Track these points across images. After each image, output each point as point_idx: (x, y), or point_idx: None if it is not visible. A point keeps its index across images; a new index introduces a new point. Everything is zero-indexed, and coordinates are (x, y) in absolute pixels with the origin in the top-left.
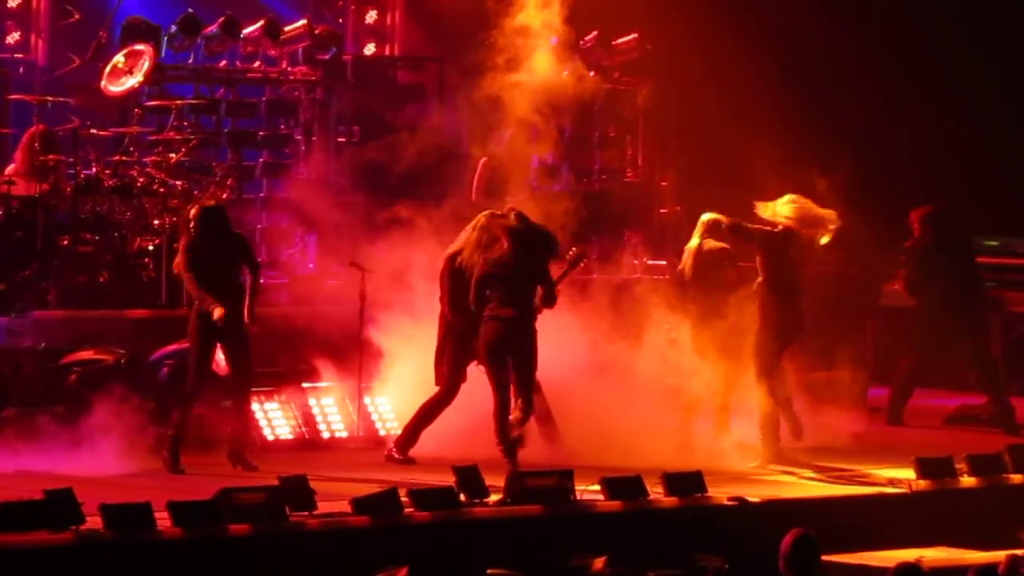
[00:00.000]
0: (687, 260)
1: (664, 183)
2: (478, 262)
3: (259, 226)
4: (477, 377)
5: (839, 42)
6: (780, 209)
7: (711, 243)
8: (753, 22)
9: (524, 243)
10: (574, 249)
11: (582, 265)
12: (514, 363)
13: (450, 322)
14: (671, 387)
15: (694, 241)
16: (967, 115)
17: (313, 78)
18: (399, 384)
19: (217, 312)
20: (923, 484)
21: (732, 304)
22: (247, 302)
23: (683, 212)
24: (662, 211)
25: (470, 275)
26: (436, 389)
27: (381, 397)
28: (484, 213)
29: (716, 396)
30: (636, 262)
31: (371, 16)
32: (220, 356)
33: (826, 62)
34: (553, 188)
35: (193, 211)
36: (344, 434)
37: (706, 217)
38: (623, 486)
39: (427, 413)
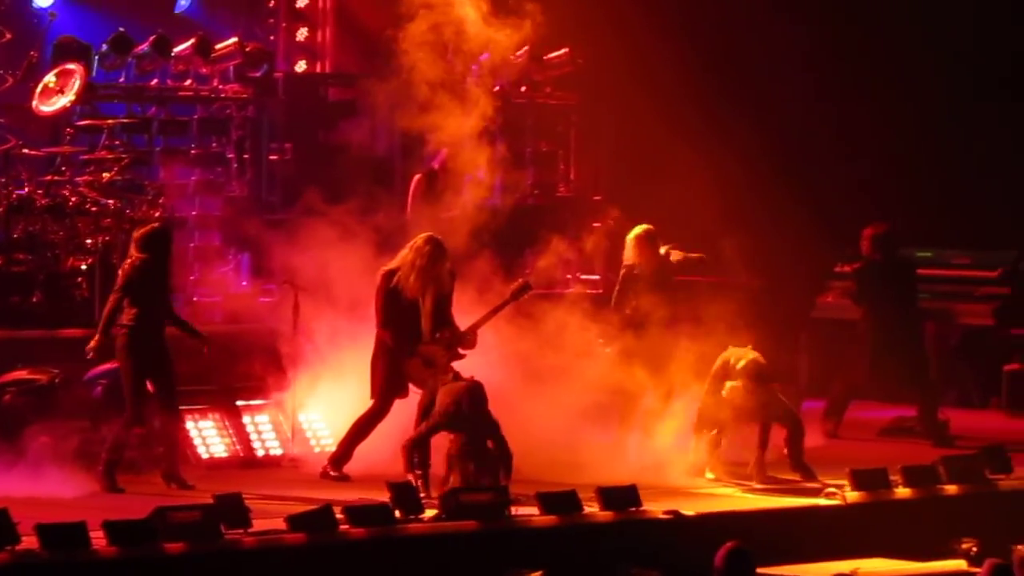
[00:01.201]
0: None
1: (597, 197)
2: (415, 285)
3: (192, 244)
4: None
5: (774, 49)
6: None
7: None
8: (684, 33)
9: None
10: (519, 280)
11: (524, 297)
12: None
13: (381, 337)
14: (606, 400)
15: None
16: (903, 126)
17: (245, 96)
18: (333, 401)
19: (90, 344)
20: (858, 496)
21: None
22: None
23: (615, 226)
24: (595, 225)
25: (405, 295)
26: (369, 405)
27: (315, 414)
28: (422, 236)
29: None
30: (569, 276)
31: (302, 33)
32: None
33: (761, 69)
34: (487, 203)
35: (140, 233)
36: (279, 451)
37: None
38: (558, 501)
39: (361, 429)
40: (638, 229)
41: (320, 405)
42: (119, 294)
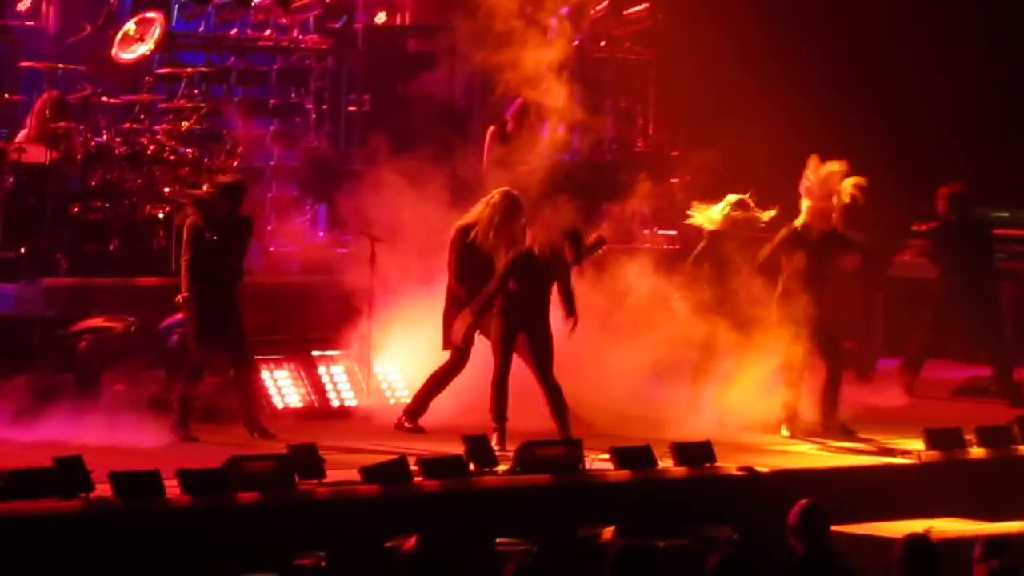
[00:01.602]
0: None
1: (675, 153)
2: (492, 243)
3: (269, 195)
4: (486, 347)
5: (859, 8)
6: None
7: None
8: None
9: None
10: (596, 235)
11: (599, 252)
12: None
13: (454, 292)
14: (682, 356)
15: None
16: (984, 82)
17: (324, 47)
18: (408, 352)
19: (180, 297)
20: (932, 455)
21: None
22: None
23: (693, 182)
24: (672, 181)
25: (480, 251)
26: (446, 358)
27: (391, 365)
28: (498, 191)
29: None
30: (646, 232)
31: None
32: None
33: (845, 30)
34: (563, 158)
35: (208, 187)
36: (354, 402)
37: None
38: (632, 456)
39: (437, 382)
40: (732, 198)
41: (396, 356)
42: (189, 251)
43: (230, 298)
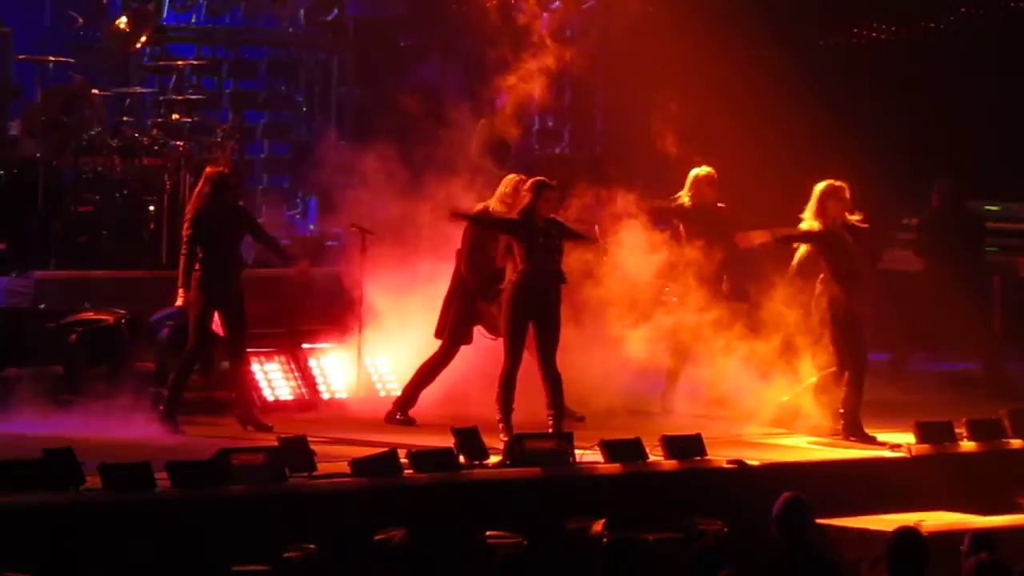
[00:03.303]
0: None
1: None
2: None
3: (260, 187)
4: (477, 338)
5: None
6: None
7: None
8: None
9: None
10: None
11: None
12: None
13: (462, 279)
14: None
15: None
16: (974, 76)
17: (315, 39)
18: (399, 345)
19: (178, 301)
20: (923, 448)
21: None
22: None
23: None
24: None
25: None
26: (435, 348)
27: (381, 358)
28: (511, 176)
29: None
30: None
31: None
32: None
33: (827, 27)
34: (554, 151)
35: (208, 172)
36: (344, 395)
37: None
38: (622, 449)
39: (427, 373)
40: (700, 170)
41: (386, 349)
42: (189, 244)
43: (236, 284)
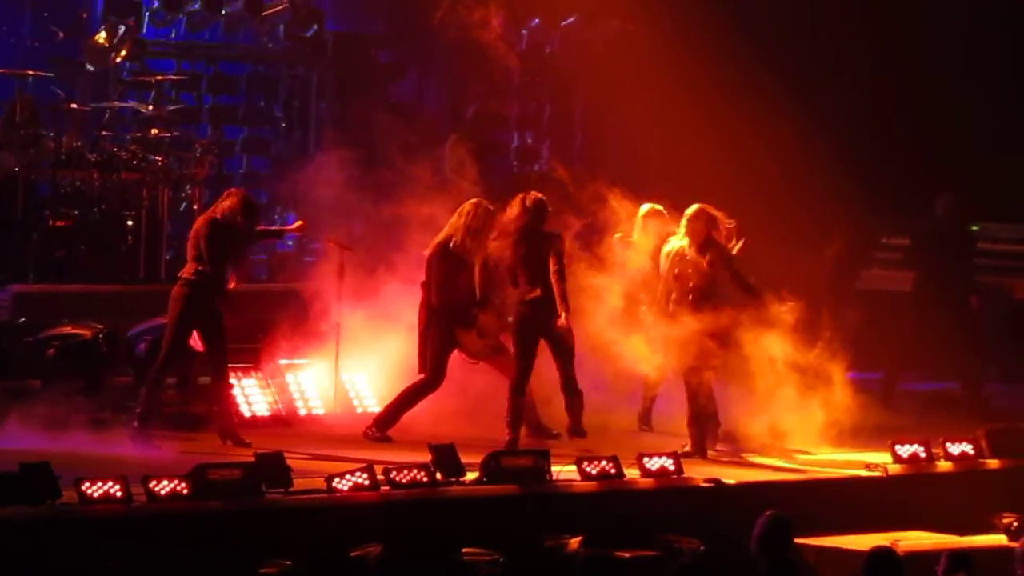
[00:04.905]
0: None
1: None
2: (471, 247)
3: None
4: (456, 360)
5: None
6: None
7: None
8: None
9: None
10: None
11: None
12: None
13: (434, 309)
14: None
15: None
16: (949, 101)
17: (294, 55)
18: (376, 361)
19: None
20: (899, 468)
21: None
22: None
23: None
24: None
25: (459, 265)
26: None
27: (359, 374)
28: (471, 201)
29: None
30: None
31: None
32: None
33: (806, 38)
34: (533, 168)
35: (240, 198)
36: (321, 411)
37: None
38: (599, 467)
39: (410, 397)
40: (646, 208)
41: (363, 365)
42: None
43: (216, 304)
